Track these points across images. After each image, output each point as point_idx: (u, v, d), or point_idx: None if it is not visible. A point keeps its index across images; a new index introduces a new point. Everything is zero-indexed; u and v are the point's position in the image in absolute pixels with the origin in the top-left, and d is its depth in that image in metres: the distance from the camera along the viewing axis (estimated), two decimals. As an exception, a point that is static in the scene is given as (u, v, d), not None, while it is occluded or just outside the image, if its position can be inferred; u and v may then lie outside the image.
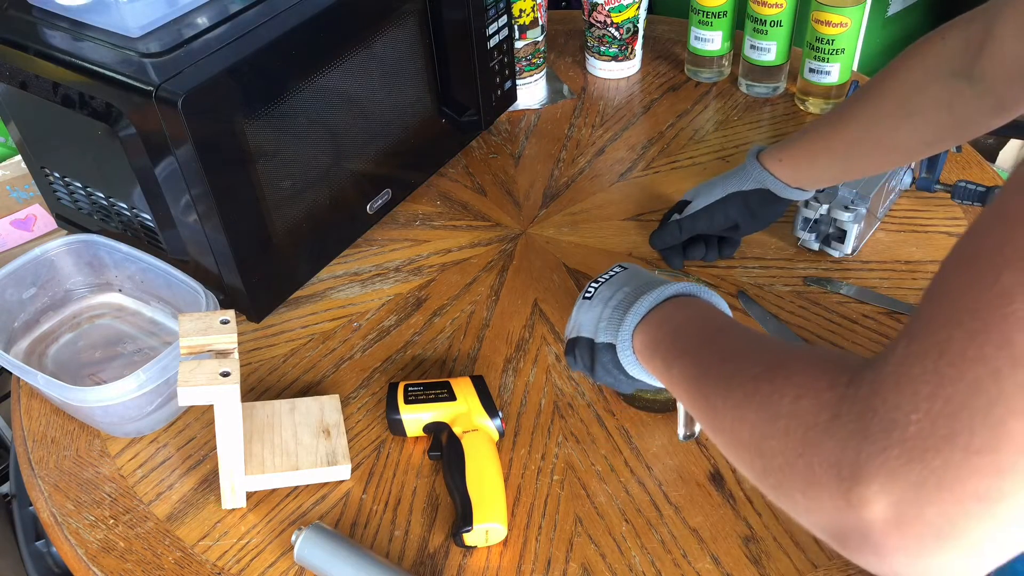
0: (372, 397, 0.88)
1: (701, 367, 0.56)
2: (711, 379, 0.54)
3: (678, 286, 0.68)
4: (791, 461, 0.43)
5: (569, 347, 0.75)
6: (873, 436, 0.38)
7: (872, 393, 0.39)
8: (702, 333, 0.61)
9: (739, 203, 0.92)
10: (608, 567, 0.73)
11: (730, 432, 0.49)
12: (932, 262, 0.97)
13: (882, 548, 0.38)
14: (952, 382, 0.36)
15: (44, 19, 0.86)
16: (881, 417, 0.38)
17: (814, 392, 0.43)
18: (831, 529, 0.41)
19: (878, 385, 0.39)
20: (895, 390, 0.38)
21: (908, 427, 0.37)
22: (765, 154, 0.91)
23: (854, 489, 0.38)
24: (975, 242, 0.39)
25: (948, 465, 0.36)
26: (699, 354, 0.58)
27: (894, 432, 0.37)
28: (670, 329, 0.65)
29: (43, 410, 0.88)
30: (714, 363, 0.55)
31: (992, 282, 0.36)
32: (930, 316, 0.39)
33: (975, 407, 0.35)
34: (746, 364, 0.51)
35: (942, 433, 0.36)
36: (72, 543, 0.77)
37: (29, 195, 1.33)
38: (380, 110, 0.98)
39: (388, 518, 0.78)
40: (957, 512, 0.36)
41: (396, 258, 1.03)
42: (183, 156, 0.78)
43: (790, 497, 0.44)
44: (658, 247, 0.99)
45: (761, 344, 0.54)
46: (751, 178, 0.91)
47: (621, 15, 1.23)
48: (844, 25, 1.10)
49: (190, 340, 0.73)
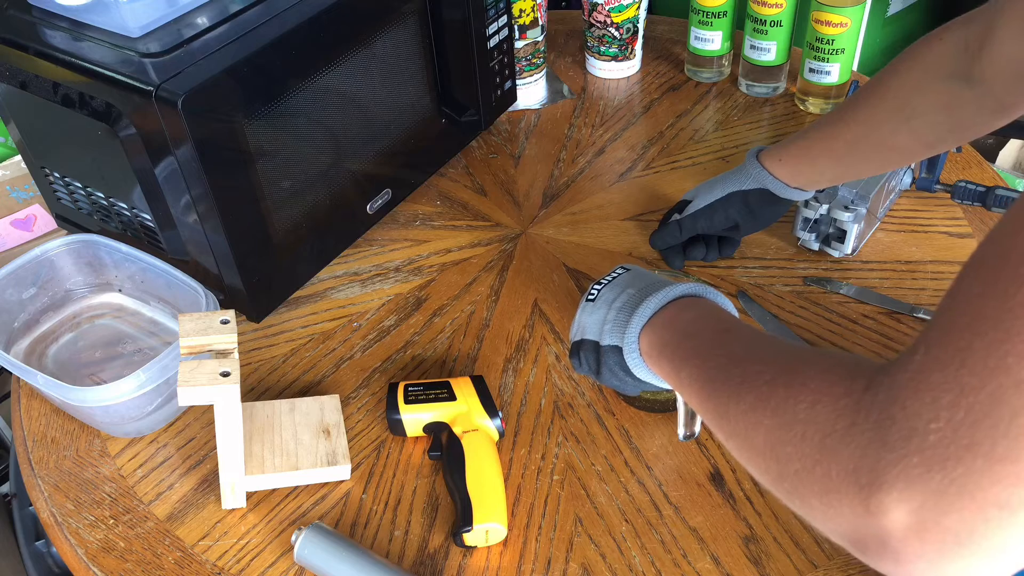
0: (372, 397, 0.88)
1: (711, 370, 0.56)
2: (722, 383, 0.53)
3: (683, 287, 0.68)
4: (808, 467, 0.43)
5: (574, 350, 0.74)
6: (892, 444, 0.38)
7: (890, 400, 0.39)
8: (710, 334, 0.61)
9: (739, 203, 0.92)
10: (608, 567, 0.73)
11: (743, 437, 0.49)
12: (932, 262, 0.97)
13: (902, 555, 0.39)
14: (974, 391, 0.36)
15: (44, 19, 0.86)
16: (900, 425, 0.38)
17: (831, 398, 0.43)
18: (849, 535, 0.41)
19: (896, 392, 0.39)
20: (914, 398, 0.38)
21: (928, 435, 0.37)
22: (765, 154, 0.91)
23: (873, 496, 0.39)
24: (997, 249, 0.39)
25: (969, 473, 0.36)
26: (708, 356, 0.58)
27: (914, 440, 0.37)
28: (677, 330, 0.64)
29: (43, 410, 0.88)
30: (724, 366, 0.55)
31: (1015, 291, 0.36)
32: (950, 323, 0.39)
33: (998, 417, 0.35)
34: (758, 367, 0.51)
35: (964, 442, 0.36)
36: (72, 543, 0.77)
37: (29, 195, 1.33)
38: (380, 110, 0.98)
39: (388, 518, 0.78)
40: (977, 519, 0.36)
41: (396, 258, 1.03)
42: (183, 156, 0.78)
43: (806, 502, 0.44)
44: (658, 247, 0.99)
45: (772, 346, 0.54)
46: (751, 178, 0.91)
47: (621, 15, 1.23)
48: (844, 25, 1.10)
49: (190, 340, 0.73)
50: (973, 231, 1.00)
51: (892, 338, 0.89)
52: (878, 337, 0.89)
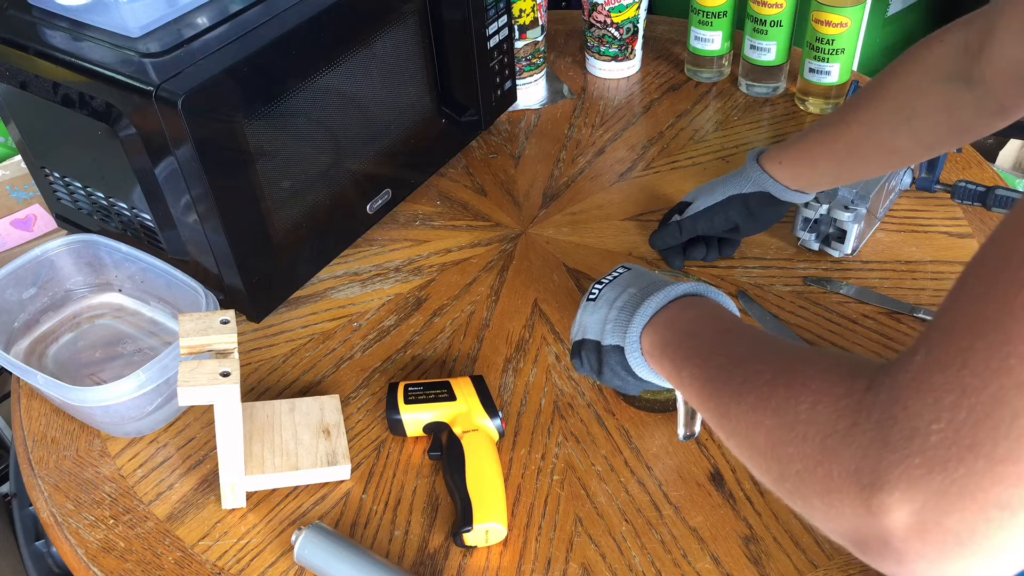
0: (372, 397, 0.88)
1: (712, 370, 0.56)
2: (723, 382, 0.54)
3: (684, 286, 0.68)
4: (810, 468, 0.43)
5: (575, 350, 0.74)
6: (894, 444, 0.38)
7: (892, 400, 0.40)
8: (712, 334, 0.61)
9: (739, 205, 0.92)
10: (608, 567, 0.73)
11: (744, 436, 0.49)
12: (932, 262, 0.97)
13: (903, 555, 0.39)
14: (975, 392, 0.36)
15: (44, 19, 0.86)
16: (902, 426, 0.38)
17: (832, 398, 0.43)
18: (851, 535, 0.41)
19: (898, 392, 0.39)
20: (916, 398, 0.38)
21: (930, 436, 0.37)
22: (765, 157, 0.90)
23: (875, 496, 0.39)
24: (998, 251, 0.39)
25: (971, 474, 0.36)
26: (710, 356, 0.58)
27: (915, 440, 0.38)
28: (679, 330, 0.64)
29: (43, 410, 0.88)
30: (725, 366, 0.55)
31: (1016, 293, 0.36)
32: (951, 324, 0.39)
33: (999, 418, 0.36)
34: (759, 367, 0.51)
35: (965, 443, 0.36)
36: (72, 543, 0.77)
37: (29, 195, 1.33)
38: (380, 110, 0.98)
39: (388, 518, 0.78)
40: (979, 520, 0.36)
41: (396, 258, 1.03)
42: (183, 156, 0.78)
43: (808, 503, 0.44)
44: (658, 247, 0.99)
45: (773, 346, 0.54)
46: (751, 181, 0.91)
47: (621, 15, 1.23)
48: (844, 25, 1.10)
49: (190, 340, 0.73)
50: (973, 231, 1.00)
51: (892, 338, 0.89)
52: (878, 337, 0.89)
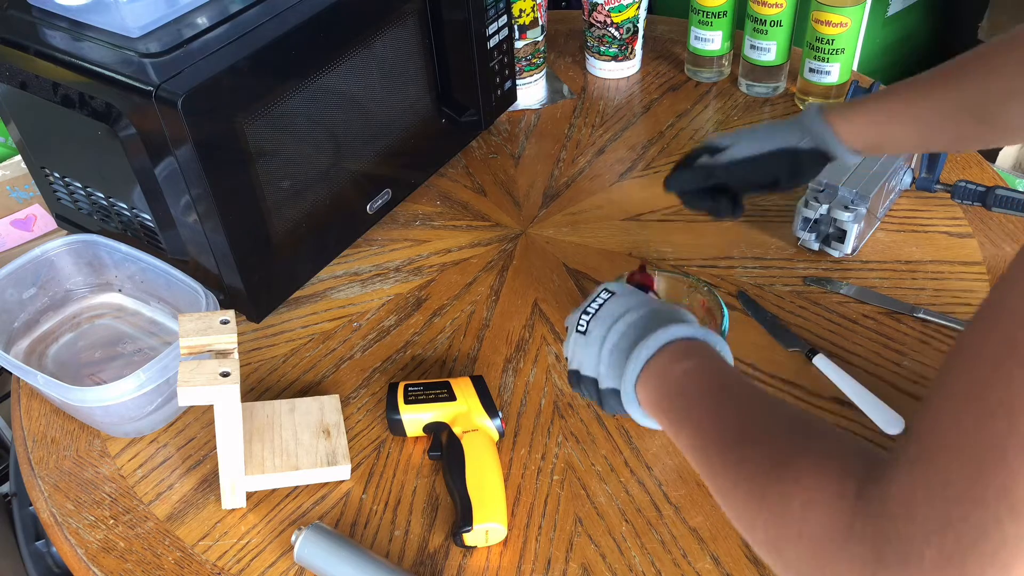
0: (372, 397, 0.88)
1: (709, 446, 0.56)
2: (719, 464, 0.54)
3: (674, 330, 0.64)
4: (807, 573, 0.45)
5: (573, 378, 0.72)
6: (888, 563, 0.40)
7: (882, 514, 0.41)
8: (704, 394, 0.60)
9: (789, 160, 0.83)
10: (608, 567, 0.73)
11: (746, 523, 0.50)
12: (932, 262, 0.97)
13: None
14: (960, 521, 0.38)
15: (44, 19, 0.86)
16: (895, 548, 0.40)
17: (824, 500, 0.44)
18: None
19: (888, 506, 0.41)
20: (906, 519, 0.40)
21: (923, 561, 0.39)
22: (831, 112, 0.81)
23: None
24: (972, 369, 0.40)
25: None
26: (701, 425, 0.57)
27: (910, 563, 0.40)
28: (672, 385, 0.62)
29: (43, 410, 0.88)
30: (718, 441, 0.55)
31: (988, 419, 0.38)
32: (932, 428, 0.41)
33: (982, 551, 0.38)
34: (750, 452, 0.51)
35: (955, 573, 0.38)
36: (72, 543, 0.77)
37: (29, 195, 1.33)
38: (380, 110, 0.98)
39: (388, 518, 0.78)
40: None
41: (396, 258, 1.03)
42: (183, 156, 0.78)
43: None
44: (673, 189, 0.89)
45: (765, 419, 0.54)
46: (810, 134, 0.82)
47: (621, 15, 1.23)
48: (844, 25, 1.10)
49: (190, 340, 0.73)
50: (973, 231, 1.00)
51: (892, 338, 0.89)
52: (878, 337, 0.89)
